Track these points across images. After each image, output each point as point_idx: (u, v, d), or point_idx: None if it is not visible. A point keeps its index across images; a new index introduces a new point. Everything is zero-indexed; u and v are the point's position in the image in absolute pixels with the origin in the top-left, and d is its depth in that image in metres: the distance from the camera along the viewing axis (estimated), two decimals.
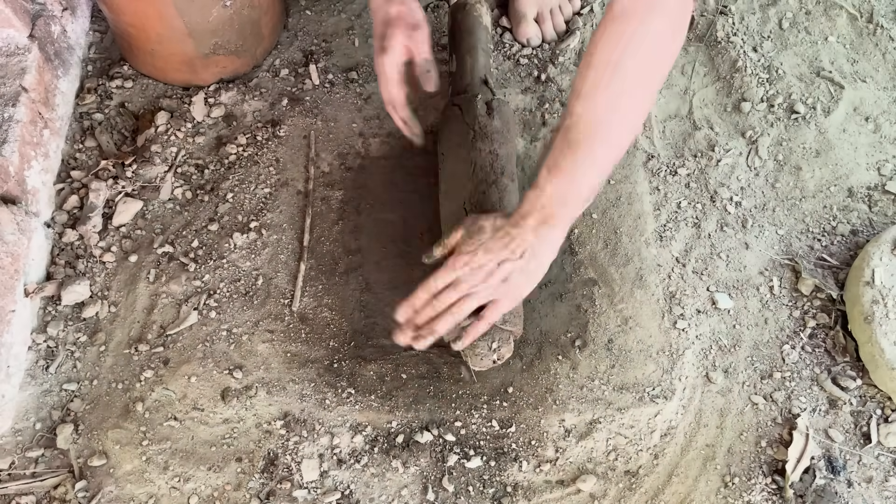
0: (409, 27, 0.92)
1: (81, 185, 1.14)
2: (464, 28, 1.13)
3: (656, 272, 1.08)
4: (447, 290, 0.85)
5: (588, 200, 0.84)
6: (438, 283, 0.85)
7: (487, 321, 0.86)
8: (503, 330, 0.92)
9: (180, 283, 1.07)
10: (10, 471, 0.95)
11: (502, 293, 0.85)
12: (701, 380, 1.02)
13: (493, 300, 0.85)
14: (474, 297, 0.84)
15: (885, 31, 1.30)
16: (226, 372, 1.00)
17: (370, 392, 0.99)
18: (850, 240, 1.12)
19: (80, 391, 1.00)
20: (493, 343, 0.92)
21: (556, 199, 0.81)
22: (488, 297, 0.85)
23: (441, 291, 0.85)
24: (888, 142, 1.20)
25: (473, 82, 1.08)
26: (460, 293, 0.84)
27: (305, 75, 1.25)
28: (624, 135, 0.82)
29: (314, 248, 1.10)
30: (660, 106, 1.23)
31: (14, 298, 0.99)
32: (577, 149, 0.78)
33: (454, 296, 0.84)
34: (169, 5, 1.08)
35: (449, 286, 0.85)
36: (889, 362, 0.97)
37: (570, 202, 0.82)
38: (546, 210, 0.82)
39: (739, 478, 0.96)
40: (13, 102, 1.05)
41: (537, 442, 0.96)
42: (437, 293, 0.85)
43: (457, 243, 0.87)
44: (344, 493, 0.94)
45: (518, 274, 0.84)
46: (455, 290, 0.84)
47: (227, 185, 1.14)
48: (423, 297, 0.86)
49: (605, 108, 0.78)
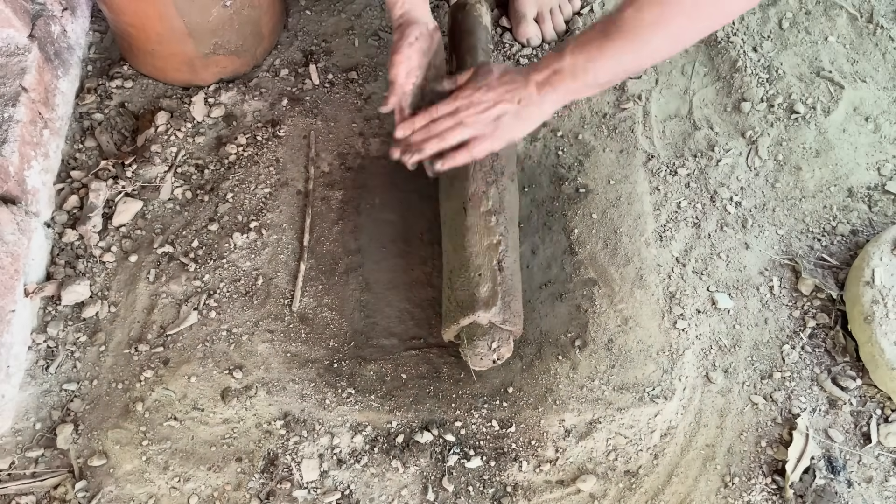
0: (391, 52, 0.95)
1: (81, 185, 1.14)
2: (464, 28, 1.13)
3: (656, 272, 1.08)
4: (444, 118, 0.91)
5: (593, 90, 0.90)
6: (439, 110, 0.91)
7: (470, 152, 0.91)
8: (503, 330, 0.92)
9: (180, 283, 1.07)
10: (10, 471, 0.95)
11: (490, 130, 0.90)
12: (701, 380, 1.02)
13: (481, 134, 0.90)
14: (465, 127, 0.90)
15: (885, 31, 1.30)
16: (226, 372, 1.00)
17: (370, 392, 0.99)
18: (850, 240, 1.12)
19: (80, 391, 1.00)
20: (492, 343, 0.92)
21: (570, 70, 0.86)
22: (478, 132, 0.90)
23: (439, 118, 0.91)
24: (888, 142, 1.20)
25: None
26: (455, 121, 0.90)
27: (305, 75, 1.25)
28: (651, 56, 0.87)
29: (314, 248, 1.10)
30: (660, 106, 1.23)
31: (14, 298, 0.99)
32: (612, 39, 0.83)
33: (449, 123, 0.91)
34: (169, 5, 1.08)
35: (447, 115, 0.91)
36: (889, 362, 0.97)
37: (580, 78, 0.86)
38: (557, 74, 0.87)
39: (739, 478, 0.96)
40: (13, 102, 1.05)
41: (537, 442, 0.96)
42: (436, 119, 0.91)
43: (466, 80, 0.92)
44: (344, 493, 0.94)
45: (510, 117, 0.90)
46: (451, 119, 0.91)
47: (227, 185, 1.14)
48: (423, 120, 0.92)
49: (650, 26, 0.81)
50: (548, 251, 1.10)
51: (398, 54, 0.94)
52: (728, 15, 0.87)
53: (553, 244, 1.10)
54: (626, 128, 1.20)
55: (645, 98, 1.24)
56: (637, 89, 1.24)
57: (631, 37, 0.82)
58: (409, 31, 0.94)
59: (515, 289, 0.95)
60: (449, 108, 0.91)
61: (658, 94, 1.24)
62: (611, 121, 1.21)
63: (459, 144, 0.91)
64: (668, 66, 1.27)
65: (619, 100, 1.23)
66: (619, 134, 1.20)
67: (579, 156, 1.17)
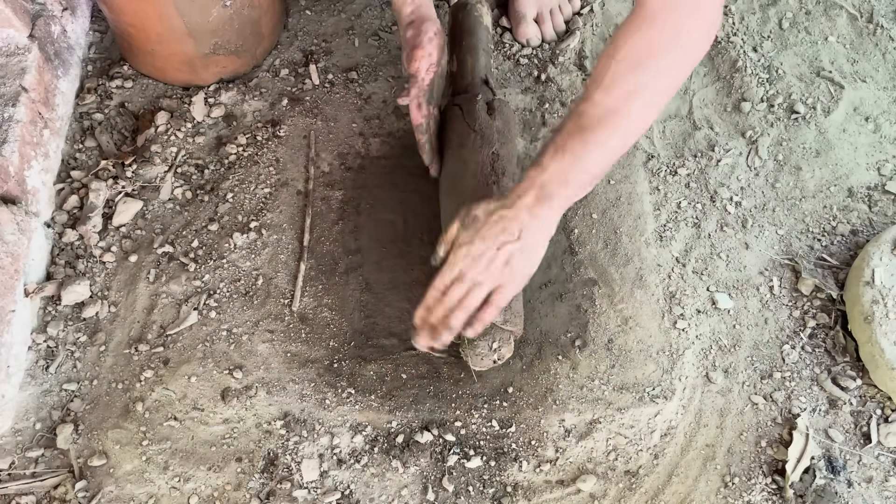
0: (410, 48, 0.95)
1: (81, 185, 1.14)
2: (464, 28, 1.13)
3: (656, 272, 1.08)
4: (454, 286, 0.85)
5: (587, 187, 0.85)
6: (445, 279, 0.85)
7: (497, 306, 0.86)
8: (503, 330, 0.92)
9: (180, 283, 1.07)
10: (10, 471, 0.95)
11: (507, 277, 0.85)
12: (701, 380, 1.02)
13: (498, 285, 0.85)
14: (481, 286, 0.84)
15: (885, 31, 1.30)
16: (226, 372, 1.00)
17: (370, 392, 0.99)
18: (850, 240, 1.12)
19: (80, 391, 1.00)
20: (493, 343, 0.92)
21: (558, 179, 0.82)
22: (494, 284, 0.85)
23: (449, 287, 0.85)
24: (888, 142, 1.20)
25: (474, 82, 1.08)
26: (467, 285, 0.84)
27: (305, 75, 1.25)
28: (636, 129, 0.83)
29: (314, 248, 1.10)
30: None
31: (14, 298, 0.99)
32: (589, 133, 0.80)
33: (462, 289, 0.84)
34: (169, 5, 1.08)
35: (455, 280, 0.85)
36: (889, 362, 0.97)
37: (571, 183, 0.82)
38: (545, 189, 0.82)
39: (739, 478, 0.96)
40: (13, 102, 1.05)
41: (537, 442, 0.96)
42: (446, 290, 0.85)
43: (454, 237, 0.87)
44: (344, 493, 0.94)
45: (518, 255, 0.84)
46: (461, 284, 0.84)
47: (227, 185, 1.14)
48: (434, 296, 0.86)
49: (624, 100, 0.78)
50: (548, 251, 1.09)
51: (420, 49, 0.93)
52: (694, 57, 0.82)
53: (553, 244, 1.09)
54: None
55: None
56: None
57: (610, 121, 0.79)
58: (427, 26, 0.94)
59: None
60: (453, 273, 0.85)
61: None
62: None
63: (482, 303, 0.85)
64: None
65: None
66: None
67: None
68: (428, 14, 0.97)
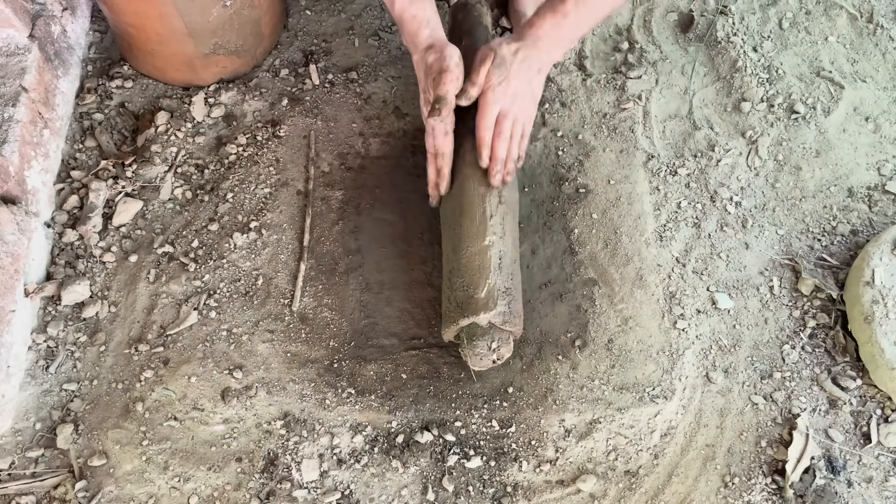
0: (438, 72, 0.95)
1: (81, 185, 1.14)
2: (464, 28, 1.13)
3: (656, 272, 1.08)
4: (502, 122, 0.93)
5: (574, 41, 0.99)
6: (490, 118, 0.93)
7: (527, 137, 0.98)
8: (503, 330, 0.92)
9: (180, 283, 1.07)
10: (10, 471, 0.95)
11: (533, 109, 0.97)
12: (701, 380, 1.02)
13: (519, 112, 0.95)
14: (521, 121, 0.95)
15: (885, 31, 1.30)
16: (226, 372, 1.00)
17: (370, 392, 0.99)
18: (850, 240, 1.12)
19: (80, 391, 1.00)
20: (492, 343, 0.92)
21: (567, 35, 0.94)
22: (528, 117, 0.96)
23: (497, 124, 0.94)
24: (888, 142, 1.20)
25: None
26: (510, 120, 0.94)
27: (305, 75, 1.25)
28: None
29: (314, 248, 1.10)
30: (660, 106, 1.23)
31: (14, 298, 0.99)
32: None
33: (509, 124, 0.94)
34: (169, 5, 1.08)
35: (500, 116, 0.94)
36: (889, 362, 0.97)
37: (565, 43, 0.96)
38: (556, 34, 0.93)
39: (739, 478, 0.96)
40: (13, 102, 1.05)
41: (537, 442, 0.96)
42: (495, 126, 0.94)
43: (487, 77, 0.93)
44: (344, 493, 0.94)
45: (539, 89, 0.96)
46: (506, 119, 0.94)
47: (227, 185, 1.14)
48: (488, 134, 0.94)
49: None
50: (548, 251, 1.10)
51: (448, 72, 0.93)
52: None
53: (553, 244, 1.10)
54: (626, 128, 1.20)
55: (645, 98, 1.24)
56: (637, 89, 1.24)
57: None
58: (450, 51, 0.94)
59: (516, 289, 0.95)
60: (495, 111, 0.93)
61: (658, 94, 1.24)
62: (611, 121, 1.21)
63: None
64: (668, 66, 1.27)
65: (619, 100, 1.23)
66: (619, 134, 1.20)
67: (579, 156, 1.17)
68: (443, 38, 0.97)
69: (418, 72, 0.97)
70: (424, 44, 0.95)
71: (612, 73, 1.26)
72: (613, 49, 1.29)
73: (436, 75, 0.93)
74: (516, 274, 0.96)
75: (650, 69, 1.26)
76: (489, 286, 0.91)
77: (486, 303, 0.91)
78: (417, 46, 0.96)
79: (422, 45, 0.95)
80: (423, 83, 0.97)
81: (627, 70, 1.25)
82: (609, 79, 1.25)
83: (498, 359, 0.93)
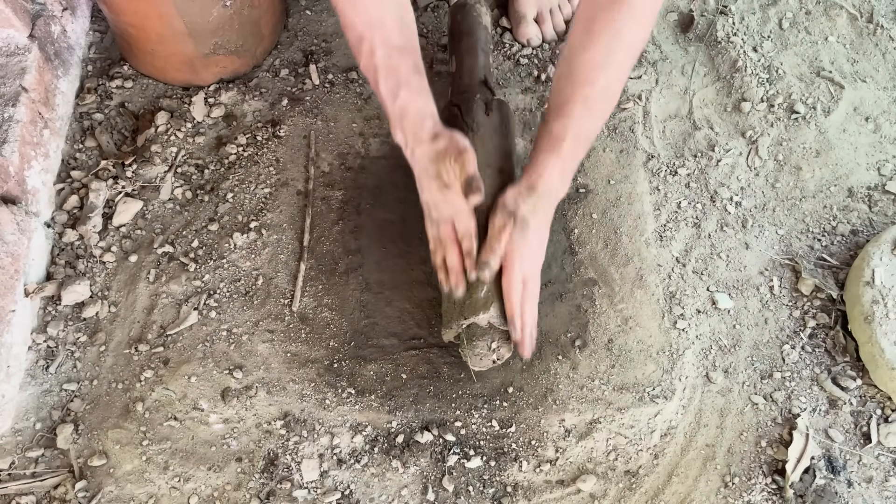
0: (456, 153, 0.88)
1: (81, 185, 1.14)
2: (463, 28, 1.13)
3: (656, 272, 1.08)
4: (528, 285, 0.91)
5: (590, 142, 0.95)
6: (518, 287, 0.90)
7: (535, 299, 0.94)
8: (502, 330, 0.92)
9: (180, 283, 1.07)
10: (10, 471, 0.95)
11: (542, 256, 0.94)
12: (701, 380, 1.02)
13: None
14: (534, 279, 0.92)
15: (885, 31, 1.30)
16: (226, 372, 1.00)
17: (370, 392, 0.99)
18: (850, 240, 1.12)
19: (80, 391, 1.00)
20: (492, 343, 0.92)
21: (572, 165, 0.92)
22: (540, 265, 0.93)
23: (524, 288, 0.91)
24: (888, 142, 1.20)
25: (472, 83, 1.08)
26: (531, 285, 0.91)
27: (305, 75, 1.25)
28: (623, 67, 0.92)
29: (314, 248, 1.10)
30: (660, 106, 1.23)
31: (14, 298, 0.99)
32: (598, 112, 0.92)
33: (532, 284, 0.91)
34: (169, 5, 1.08)
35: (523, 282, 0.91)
36: (889, 362, 0.97)
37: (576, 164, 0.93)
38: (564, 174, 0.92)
39: (739, 478, 0.96)
40: (13, 102, 1.05)
41: (537, 442, 0.96)
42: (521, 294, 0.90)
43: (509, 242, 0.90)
44: (344, 493, 0.94)
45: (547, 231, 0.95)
46: (529, 281, 0.91)
47: (227, 185, 1.14)
48: (517, 307, 0.90)
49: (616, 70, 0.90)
50: (548, 251, 1.09)
51: (468, 152, 0.87)
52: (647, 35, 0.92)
53: (553, 244, 1.10)
54: (626, 128, 1.20)
55: (645, 98, 1.24)
56: (637, 89, 1.24)
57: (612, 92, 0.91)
58: (457, 134, 0.89)
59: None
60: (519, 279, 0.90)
61: (658, 94, 1.24)
62: (611, 121, 1.21)
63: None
64: (668, 66, 1.27)
65: (619, 100, 1.23)
66: (619, 134, 1.20)
67: None
68: (441, 124, 0.92)
69: (422, 161, 0.90)
70: (430, 134, 0.89)
71: None
72: None
73: (455, 156, 0.87)
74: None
75: (650, 69, 1.26)
76: (488, 286, 0.91)
77: (486, 303, 0.91)
78: (421, 139, 0.89)
79: (426, 136, 0.89)
80: (431, 170, 0.90)
81: None
82: None
83: (498, 359, 0.93)
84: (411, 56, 0.90)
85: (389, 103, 0.90)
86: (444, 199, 0.91)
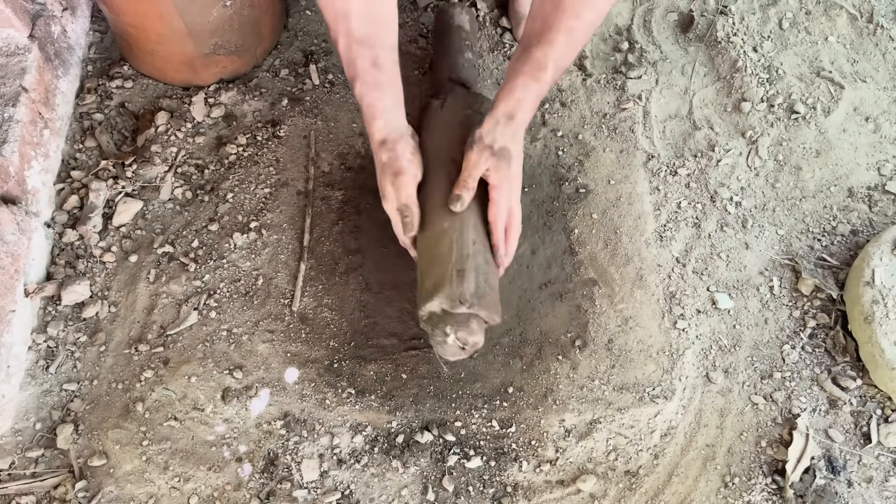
0: (393, 174, 0.90)
1: (81, 185, 1.14)
2: (437, 32, 1.18)
3: (656, 272, 1.08)
4: (514, 213, 0.91)
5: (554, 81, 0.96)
6: (503, 219, 0.90)
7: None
8: (459, 314, 0.87)
9: (180, 283, 1.07)
10: (10, 471, 0.95)
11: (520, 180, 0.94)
12: (701, 380, 1.02)
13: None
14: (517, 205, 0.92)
15: (885, 31, 1.30)
16: (226, 372, 1.00)
17: (370, 392, 0.99)
18: (850, 240, 1.12)
19: (80, 391, 1.00)
20: (448, 328, 0.87)
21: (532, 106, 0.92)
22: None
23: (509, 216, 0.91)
24: (888, 142, 1.20)
25: (442, 80, 1.12)
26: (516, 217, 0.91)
27: (305, 75, 1.25)
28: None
29: (314, 248, 1.10)
30: (660, 106, 1.23)
31: (14, 298, 0.99)
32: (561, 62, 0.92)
33: (518, 212, 0.91)
34: (169, 5, 1.08)
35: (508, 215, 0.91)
36: (889, 362, 0.97)
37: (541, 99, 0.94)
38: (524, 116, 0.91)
39: (739, 478, 0.96)
40: (13, 102, 1.05)
41: (537, 442, 0.96)
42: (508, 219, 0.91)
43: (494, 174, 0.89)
44: (344, 493, 0.94)
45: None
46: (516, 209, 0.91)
47: (227, 185, 1.14)
48: (502, 236, 0.91)
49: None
50: (548, 251, 1.10)
51: (404, 175, 0.88)
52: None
53: (553, 244, 1.10)
54: (626, 128, 1.20)
55: (645, 98, 1.24)
56: (637, 89, 1.24)
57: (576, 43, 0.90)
58: (401, 147, 0.89)
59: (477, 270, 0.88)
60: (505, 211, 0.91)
61: (658, 94, 1.24)
62: (611, 121, 1.21)
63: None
64: (668, 66, 1.27)
65: (619, 100, 1.23)
66: (619, 134, 1.20)
67: (579, 156, 1.17)
68: (398, 126, 0.91)
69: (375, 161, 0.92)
70: (377, 137, 0.90)
71: (612, 73, 1.26)
72: (613, 49, 1.29)
73: (392, 178, 0.89)
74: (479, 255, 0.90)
75: (650, 69, 1.26)
76: (436, 274, 0.87)
77: (434, 289, 0.86)
78: (372, 137, 0.91)
79: (375, 138, 0.90)
80: (379, 175, 0.91)
81: (627, 70, 1.25)
82: (609, 79, 1.26)
83: (464, 345, 0.88)
84: (372, 49, 0.88)
85: (351, 86, 0.91)
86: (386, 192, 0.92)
